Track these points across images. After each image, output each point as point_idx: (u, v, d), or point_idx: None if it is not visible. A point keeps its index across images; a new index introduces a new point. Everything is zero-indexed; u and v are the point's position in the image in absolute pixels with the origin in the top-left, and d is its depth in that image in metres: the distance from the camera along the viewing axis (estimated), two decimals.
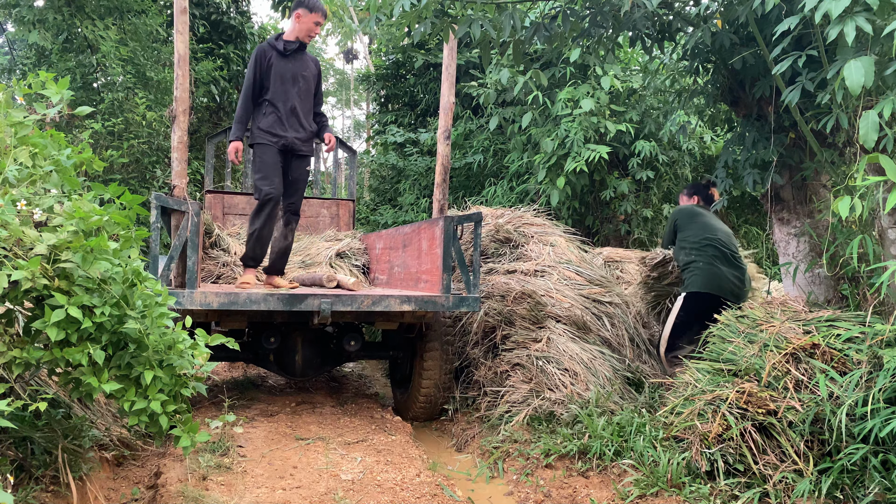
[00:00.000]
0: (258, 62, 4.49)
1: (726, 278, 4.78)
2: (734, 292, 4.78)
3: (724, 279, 4.77)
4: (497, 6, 3.95)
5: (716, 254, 4.81)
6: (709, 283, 4.74)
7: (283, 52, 4.55)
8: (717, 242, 4.84)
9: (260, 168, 4.52)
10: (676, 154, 7.95)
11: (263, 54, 4.51)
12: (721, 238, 4.89)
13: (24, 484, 2.69)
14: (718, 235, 4.89)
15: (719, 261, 4.80)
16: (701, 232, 4.90)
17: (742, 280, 4.89)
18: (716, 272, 4.76)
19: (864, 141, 2.75)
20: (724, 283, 4.76)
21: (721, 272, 4.77)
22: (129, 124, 8.57)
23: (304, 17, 4.51)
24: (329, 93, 31.14)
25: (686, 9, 4.24)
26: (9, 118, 2.59)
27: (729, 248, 4.88)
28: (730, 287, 4.77)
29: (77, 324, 2.30)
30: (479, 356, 5.10)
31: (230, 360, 5.18)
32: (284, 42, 4.56)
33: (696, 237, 4.90)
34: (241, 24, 11.13)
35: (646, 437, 3.61)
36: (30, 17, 8.62)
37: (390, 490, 3.27)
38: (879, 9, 2.72)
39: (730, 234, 5.04)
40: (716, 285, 4.74)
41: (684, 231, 4.99)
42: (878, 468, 2.74)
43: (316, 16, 4.52)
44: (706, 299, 4.70)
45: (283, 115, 4.56)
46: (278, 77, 4.54)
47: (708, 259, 4.79)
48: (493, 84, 8.02)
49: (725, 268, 4.80)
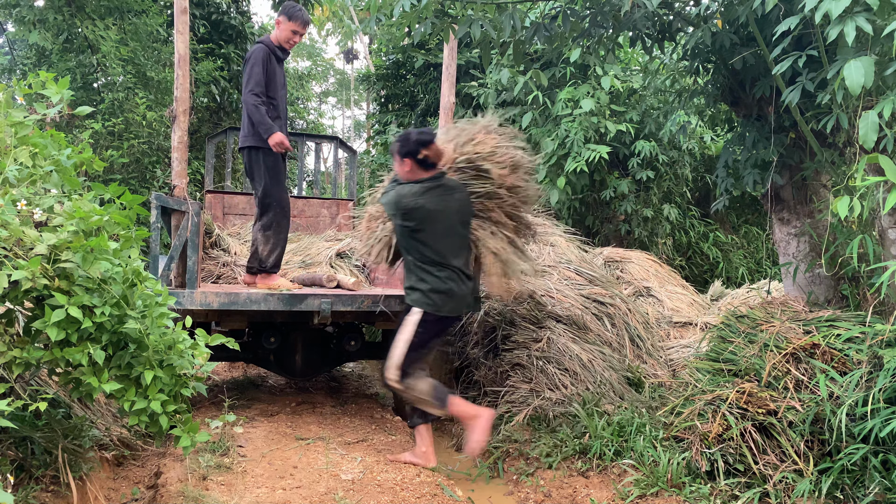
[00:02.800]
0: (264, 64, 4.48)
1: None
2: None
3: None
4: (497, 6, 3.95)
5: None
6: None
7: (279, 57, 4.60)
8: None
9: (276, 174, 4.55)
10: (676, 154, 7.95)
11: (268, 57, 4.52)
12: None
13: (25, 484, 2.69)
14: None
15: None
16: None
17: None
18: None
19: (863, 141, 2.75)
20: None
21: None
22: (129, 124, 8.56)
23: (283, 24, 4.55)
24: (329, 93, 31.13)
25: (686, 9, 4.24)
26: (9, 118, 2.59)
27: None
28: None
29: (77, 324, 2.30)
30: (479, 356, 5.10)
31: (230, 360, 5.18)
32: (278, 47, 4.60)
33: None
34: (241, 23, 11.13)
35: (646, 437, 3.60)
36: (30, 18, 8.62)
37: (390, 490, 3.27)
38: (879, 9, 2.72)
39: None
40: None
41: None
42: (879, 468, 2.74)
43: (293, 24, 4.53)
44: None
45: (282, 119, 4.61)
46: (275, 81, 4.57)
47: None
48: (493, 84, 8.02)
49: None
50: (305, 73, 18.74)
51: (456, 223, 3.65)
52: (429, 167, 3.64)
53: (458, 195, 3.69)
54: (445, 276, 3.58)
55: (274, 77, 4.53)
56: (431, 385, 3.60)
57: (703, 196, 9.18)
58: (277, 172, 4.55)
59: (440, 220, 3.58)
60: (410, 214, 3.55)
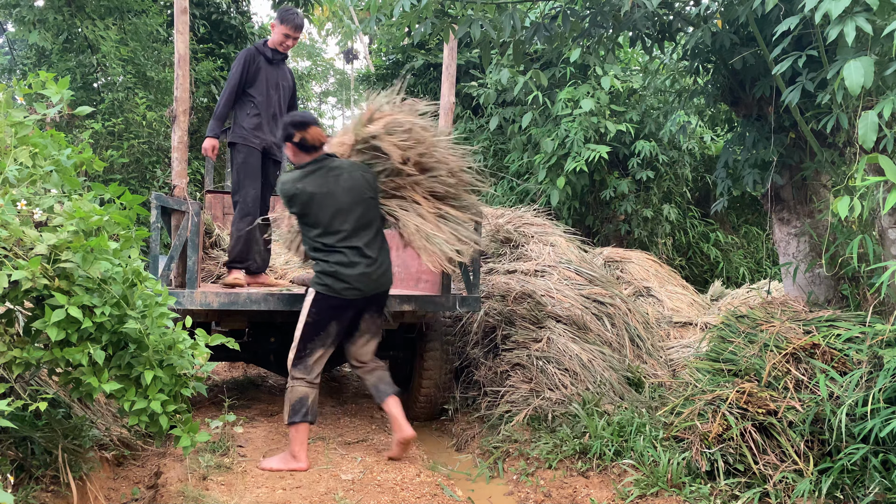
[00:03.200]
0: (246, 65, 4.60)
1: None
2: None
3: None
4: (497, 6, 3.95)
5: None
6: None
7: (269, 59, 4.69)
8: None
9: (246, 171, 4.62)
10: (676, 154, 7.96)
11: (252, 58, 4.63)
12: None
13: (25, 484, 2.69)
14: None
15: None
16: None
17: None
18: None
19: (863, 141, 2.75)
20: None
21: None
22: (129, 124, 8.57)
23: (276, 27, 4.66)
24: (329, 93, 31.14)
25: (686, 9, 4.24)
26: (9, 118, 2.59)
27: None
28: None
29: (77, 324, 2.30)
30: (479, 356, 5.10)
31: (230, 360, 5.18)
32: (271, 49, 4.69)
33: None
34: (241, 23, 11.14)
35: (646, 437, 3.61)
36: (30, 18, 8.63)
37: (390, 490, 3.27)
38: (879, 9, 2.72)
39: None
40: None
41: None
42: (879, 468, 2.74)
43: (285, 28, 4.62)
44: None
45: (264, 119, 4.68)
46: (264, 82, 4.67)
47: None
48: (493, 84, 8.02)
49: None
50: (305, 73, 18.75)
51: (349, 203, 3.54)
52: (310, 150, 3.56)
53: (350, 174, 3.58)
54: (335, 260, 3.51)
55: (257, 77, 4.64)
56: (302, 396, 3.53)
57: (703, 196, 9.18)
58: (247, 170, 4.61)
59: (327, 203, 3.50)
60: (292, 201, 3.52)
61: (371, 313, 3.71)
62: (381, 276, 3.64)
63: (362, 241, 3.57)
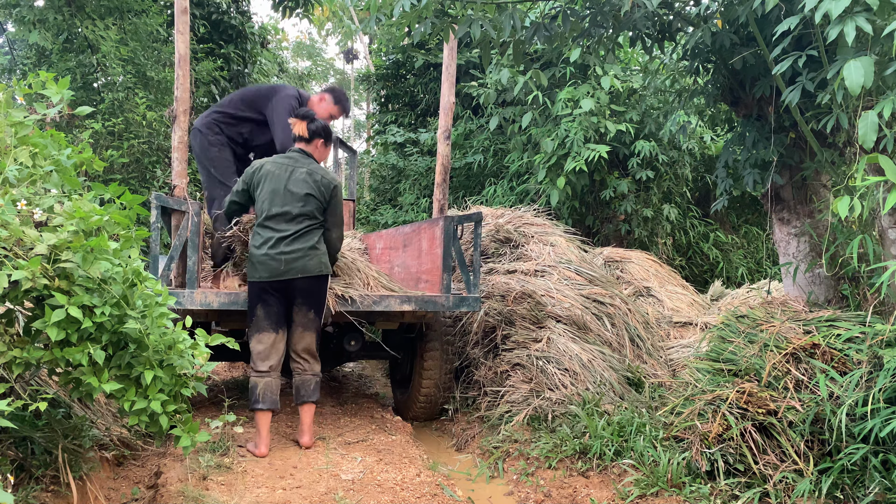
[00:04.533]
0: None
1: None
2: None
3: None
4: (497, 6, 3.94)
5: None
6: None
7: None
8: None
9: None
10: (676, 154, 7.95)
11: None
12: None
13: (25, 484, 2.69)
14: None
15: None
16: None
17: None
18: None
19: (863, 141, 2.75)
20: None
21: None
22: (129, 124, 8.56)
23: (326, 103, 4.72)
24: None
25: (686, 9, 4.23)
26: (9, 118, 2.59)
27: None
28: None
29: (77, 324, 2.30)
30: (479, 356, 5.10)
31: (230, 360, 5.18)
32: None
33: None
34: (241, 23, 11.13)
35: (646, 437, 3.61)
36: (30, 17, 8.62)
37: (390, 490, 3.27)
38: (879, 9, 2.72)
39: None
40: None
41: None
42: (879, 468, 2.74)
43: (337, 110, 4.78)
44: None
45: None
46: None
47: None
48: (493, 84, 8.02)
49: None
50: (305, 73, 18.73)
51: (290, 191, 3.77)
52: (295, 139, 3.98)
53: (308, 172, 3.83)
54: (252, 242, 3.82)
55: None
56: (251, 386, 3.72)
57: (703, 196, 9.18)
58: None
59: (271, 184, 3.78)
60: (251, 175, 3.91)
61: (299, 304, 3.80)
62: (293, 262, 3.72)
63: (281, 227, 3.74)
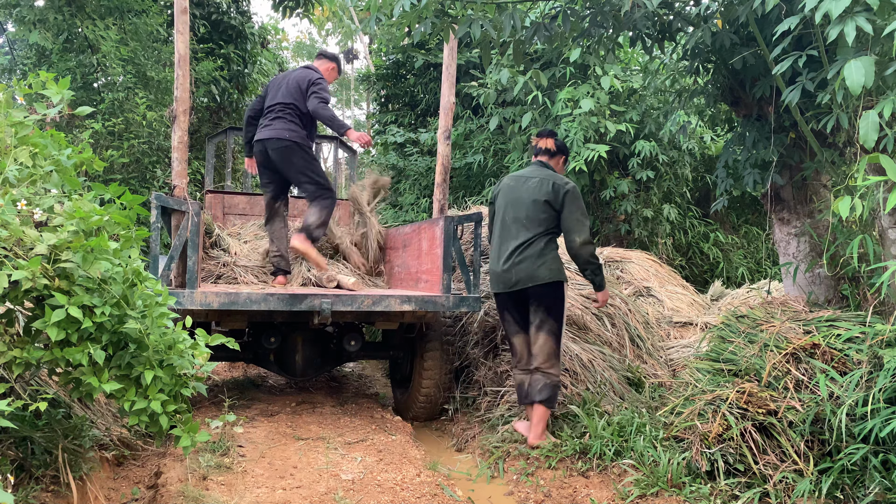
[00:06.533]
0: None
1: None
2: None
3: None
4: (497, 6, 3.94)
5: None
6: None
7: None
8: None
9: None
10: (676, 154, 7.95)
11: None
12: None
13: (25, 484, 2.69)
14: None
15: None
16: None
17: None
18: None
19: (863, 141, 2.75)
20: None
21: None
22: (129, 124, 8.56)
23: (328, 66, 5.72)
24: (330, 93, 31.12)
25: (686, 9, 4.23)
26: (9, 118, 2.59)
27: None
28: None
29: (77, 324, 2.30)
30: (479, 356, 5.10)
31: (230, 360, 5.17)
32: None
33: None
34: (241, 23, 11.12)
35: (646, 437, 3.61)
36: (30, 17, 8.62)
37: (390, 490, 3.27)
38: (879, 9, 2.72)
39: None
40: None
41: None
42: (879, 468, 2.74)
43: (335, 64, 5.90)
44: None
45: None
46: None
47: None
48: (493, 84, 8.02)
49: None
50: None
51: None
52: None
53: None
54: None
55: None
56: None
57: (703, 196, 9.18)
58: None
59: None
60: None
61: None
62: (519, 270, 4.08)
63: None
